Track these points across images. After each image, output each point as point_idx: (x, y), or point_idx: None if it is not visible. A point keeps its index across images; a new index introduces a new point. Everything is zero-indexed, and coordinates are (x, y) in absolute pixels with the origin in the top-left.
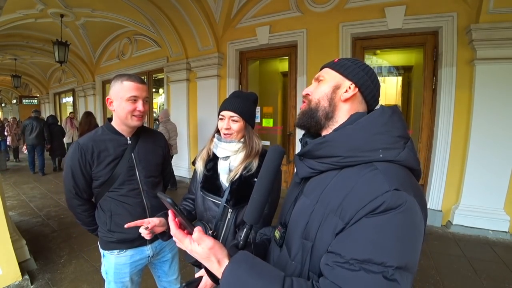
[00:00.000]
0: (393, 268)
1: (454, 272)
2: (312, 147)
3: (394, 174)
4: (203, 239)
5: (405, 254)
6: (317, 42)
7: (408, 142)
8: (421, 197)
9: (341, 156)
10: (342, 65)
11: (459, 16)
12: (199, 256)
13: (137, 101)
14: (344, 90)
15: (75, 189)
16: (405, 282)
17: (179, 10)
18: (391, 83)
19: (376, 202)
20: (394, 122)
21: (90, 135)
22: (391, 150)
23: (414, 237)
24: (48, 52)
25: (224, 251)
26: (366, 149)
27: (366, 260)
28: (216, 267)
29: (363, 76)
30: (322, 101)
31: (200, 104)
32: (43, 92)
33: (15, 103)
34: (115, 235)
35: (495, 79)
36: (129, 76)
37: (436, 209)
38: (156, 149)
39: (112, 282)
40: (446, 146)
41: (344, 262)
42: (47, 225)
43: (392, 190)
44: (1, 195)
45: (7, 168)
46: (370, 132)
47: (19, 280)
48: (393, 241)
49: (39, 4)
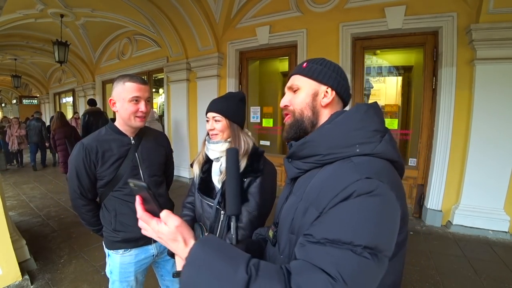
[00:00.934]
0: (361, 247)
1: (454, 272)
2: (296, 149)
3: (368, 165)
4: (170, 217)
5: (374, 235)
6: (317, 42)
7: (385, 135)
8: (398, 187)
9: (321, 155)
10: (313, 71)
11: (459, 16)
12: (165, 238)
13: (139, 101)
14: (322, 95)
15: (80, 189)
16: (378, 263)
17: (179, 10)
18: (391, 83)
19: (347, 190)
20: (369, 117)
21: (94, 135)
22: (368, 144)
23: (385, 221)
24: (48, 52)
25: (191, 232)
26: (343, 145)
27: (336, 240)
28: (182, 247)
29: (336, 76)
30: (306, 111)
31: (200, 104)
32: (43, 92)
33: (15, 103)
34: (120, 234)
35: (495, 79)
36: (131, 77)
37: (436, 209)
38: (159, 149)
39: (117, 282)
40: (446, 146)
41: (315, 242)
42: (47, 225)
43: (363, 178)
44: (1, 195)
45: (7, 168)
46: (346, 129)
47: (19, 280)
48: (362, 223)
49: (39, 4)
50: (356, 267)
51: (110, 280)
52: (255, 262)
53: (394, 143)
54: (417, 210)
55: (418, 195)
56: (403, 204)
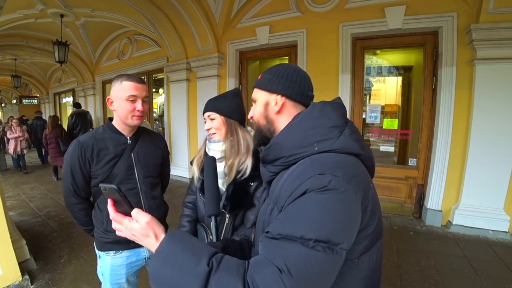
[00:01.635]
0: (312, 241)
1: (454, 272)
2: (264, 153)
3: (324, 161)
4: (140, 214)
5: (326, 229)
6: (317, 42)
7: (344, 129)
8: (360, 180)
9: (285, 156)
10: (263, 82)
11: (459, 16)
12: (138, 234)
13: (136, 100)
14: (273, 103)
15: (73, 186)
16: (333, 255)
17: (179, 10)
18: (391, 83)
19: (300, 188)
20: (326, 114)
21: (91, 133)
22: (326, 141)
23: (339, 215)
24: (48, 52)
25: (161, 227)
26: (302, 145)
27: (288, 235)
28: (154, 242)
29: (285, 82)
30: (261, 120)
31: (200, 104)
32: (43, 92)
33: (15, 103)
34: (111, 235)
35: (495, 79)
36: (128, 76)
37: (436, 209)
38: (155, 150)
39: (108, 284)
40: (446, 146)
41: (271, 238)
42: (47, 225)
43: (316, 175)
44: (1, 195)
45: (7, 168)
46: (301, 129)
47: (19, 280)
48: (313, 217)
49: (39, 4)
50: (304, 259)
51: (102, 282)
52: (219, 256)
53: (355, 137)
54: (417, 210)
55: (418, 195)
56: (367, 195)
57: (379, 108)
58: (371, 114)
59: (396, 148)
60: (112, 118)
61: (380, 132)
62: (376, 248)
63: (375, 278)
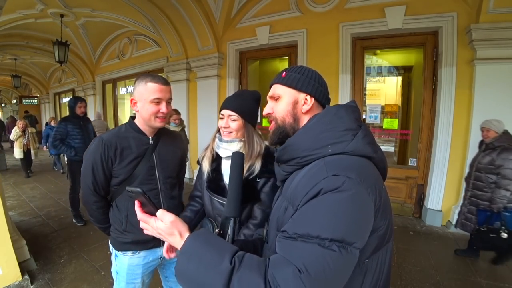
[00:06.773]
0: (328, 240)
1: (454, 272)
2: (279, 153)
3: (338, 163)
4: (165, 214)
5: (340, 229)
6: (317, 42)
7: (357, 133)
8: (372, 182)
9: (299, 157)
10: (292, 80)
11: (459, 16)
12: (164, 233)
13: (160, 103)
14: (302, 103)
15: (93, 184)
16: (348, 255)
17: (179, 10)
18: (391, 83)
19: (316, 188)
20: (339, 118)
21: (114, 131)
22: (339, 143)
23: (352, 215)
24: (48, 52)
25: (185, 226)
26: (316, 147)
27: (305, 234)
28: (178, 240)
29: (314, 84)
30: (287, 118)
31: (200, 104)
32: (43, 92)
33: (15, 103)
34: (130, 236)
35: (495, 79)
36: (153, 77)
37: (436, 209)
38: (175, 151)
39: (123, 283)
40: (446, 146)
41: (288, 237)
42: (47, 225)
43: (330, 176)
44: (1, 195)
45: (7, 168)
46: (315, 131)
47: (19, 280)
48: (328, 217)
49: (39, 4)
50: (321, 259)
51: (115, 281)
52: (240, 254)
53: (368, 140)
54: (417, 210)
55: (418, 195)
56: (379, 197)
57: (379, 108)
58: (371, 114)
59: (396, 148)
60: (135, 116)
61: (380, 132)
62: (385, 250)
63: (384, 280)
